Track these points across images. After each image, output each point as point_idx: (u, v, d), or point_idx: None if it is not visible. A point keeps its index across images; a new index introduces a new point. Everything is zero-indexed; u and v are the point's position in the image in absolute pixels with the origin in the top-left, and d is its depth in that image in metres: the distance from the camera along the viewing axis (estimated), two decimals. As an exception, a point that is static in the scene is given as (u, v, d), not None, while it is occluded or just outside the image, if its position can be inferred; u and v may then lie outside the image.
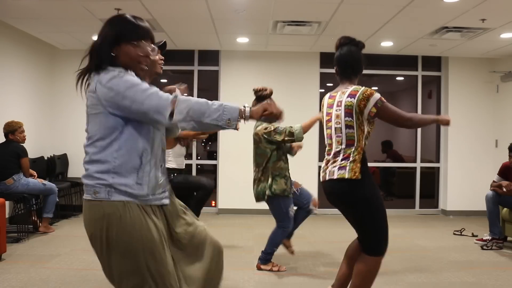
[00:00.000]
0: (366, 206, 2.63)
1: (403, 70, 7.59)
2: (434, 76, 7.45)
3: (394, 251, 4.78)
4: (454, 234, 5.74)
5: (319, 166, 6.99)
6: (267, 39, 6.29)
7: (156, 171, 1.86)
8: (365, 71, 2.85)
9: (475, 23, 5.15)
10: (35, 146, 6.14)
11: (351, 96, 2.63)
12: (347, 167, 2.61)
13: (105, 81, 1.74)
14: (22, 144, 5.24)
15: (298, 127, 3.82)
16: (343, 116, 2.65)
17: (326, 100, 2.82)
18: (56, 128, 6.84)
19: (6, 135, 5.21)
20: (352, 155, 2.62)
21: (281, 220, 3.94)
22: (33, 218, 5.40)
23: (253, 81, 6.96)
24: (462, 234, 5.68)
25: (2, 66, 5.53)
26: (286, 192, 3.90)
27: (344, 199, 2.70)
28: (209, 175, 8.66)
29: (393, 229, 5.98)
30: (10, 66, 5.71)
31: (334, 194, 2.73)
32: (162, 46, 3.07)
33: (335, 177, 2.64)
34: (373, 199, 2.64)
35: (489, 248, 4.93)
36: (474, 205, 6.89)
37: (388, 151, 8.96)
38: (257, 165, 3.97)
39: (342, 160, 2.64)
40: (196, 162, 7.32)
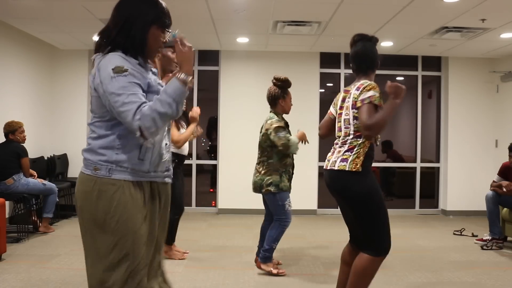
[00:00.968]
0: (364, 201, 2.59)
1: (403, 70, 7.59)
2: (434, 76, 7.45)
3: (394, 251, 4.75)
4: (454, 234, 5.75)
5: (319, 166, 7.04)
6: (267, 39, 6.29)
7: (160, 149, 1.89)
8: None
9: (475, 23, 5.15)
10: (35, 146, 6.14)
11: (357, 89, 2.64)
12: (349, 159, 2.60)
13: (101, 71, 1.74)
14: (22, 144, 5.24)
15: (295, 142, 3.84)
16: (350, 108, 2.66)
17: (341, 94, 2.82)
18: (56, 128, 6.84)
19: (6, 135, 5.21)
20: (357, 147, 2.61)
21: (278, 214, 3.92)
22: (33, 218, 5.40)
23: (253, 81, 6.98)
24: (462, 234, 5.68)
25: (2, 66, 5.53)
26: (289, 187, 3.92)
27: (342, 191, 2.68)
28: (209, 175, 8.71)
29: (393, 229, 5.97)
30: (10, 66, 5.71)
31: (333, 184, 2.71)
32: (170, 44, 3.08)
33: (335, 167, 2.64)
34: (372, 194, 2.60)
35: (489, 248, 4.93)
36: (474, 205, 6.89)
37: (388, 151, 8.96)
38: (259, 154, 3.98)
39: (346, 151, 2.63)
40: (196, 162, 7.32)
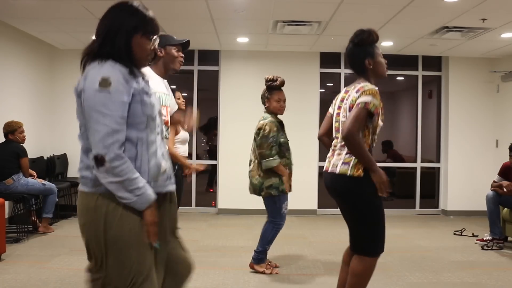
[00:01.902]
0: (365, 204, 2.60)
1: (403, 70, 7.58)
2: (435, 76, 7.45)
3: (394, 251, 4.77)
4: (454, 234, 5.74)
5: (319, 166, 7.04)
6: (267, 39, 6.28)
7: (157, 160, 1.83)
8: (380, 78, 2.77)
9: (475, 23, 5.15)
10: (35, 146, 6.14)
11: (357, 91, 2.61)
12: (351, 163, 2.57)
13: (87, 82, 1.71)
14: (21, 144, 5.24)
15: (274, 163, 3.78)
16: (348, 110, 2.63)
17: (341, 94, 2.79)
18: (55, 128, 6.84)
19: (5, 135, 5.21)
20: None
21: (274, 216, 3.91)
22: (33, 218, 5.39)
23: (253, 81, 6.97)
24: (463, 234, 5.68)
25: (2, 66, 5.52)
26: (290, 188, 3.91)
27: (343, 195, 2.67)
28: (208, 175, 8.71)
29: (393, 229, 6.03)
30: (10, 65, 5.71)
31: (333, 188, 2.70)
32: (186, 45, 3.10)
33: (337, 171, 2.61)
34: (373, 198, 2.60)
35: (490, 248, 4.92)
36: (474, 205, 6.88)
37: (388, 151, 8.95)
38: (253, 157, 3.96)
39: (347, 154, 2.60)
40: (196, 162, 7.32)
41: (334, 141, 2.78)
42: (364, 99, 2.52)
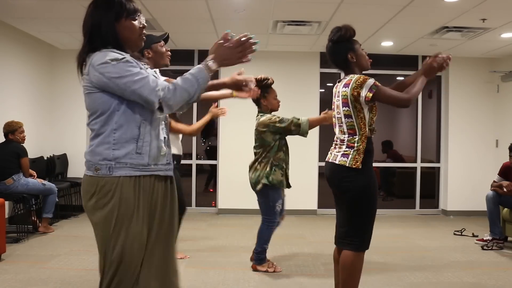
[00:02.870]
0: (359, 196, 2.66)
1: (403, 70, 7.57)
2: (435, 76, 7.44)
3: (394, 251, 4.77)
4: (454, 234, 5.74)
5: (319, 166, 7.03)
6: (267, 39, 6.28)
7: (159, 142, 1.90)
8: (365, 71, 2.84)
9: (475, 23, 5.15)
10: (35, 146, 6.13)
11: (345, 85, 2.67)
12: (350, 155, 2.65)
13: (97, 64, 1.78)
14: (21, 144, 5.24)
15: (304, 120, 3.81)
16: (341, 106, 2.70)
17: (334, 90, 2.86)
18: (55, 128, 6.84)
19: (6, 135, 5.21)
20: (356, 144, 2.65)
21: (267, 214, 3.91)
22: (33, 218, 5.39)
23: (253, 81, 6.96)
24: (463, 234, 5.68)
25: (2, 66, 5.52)
26: (282, 184, 3.89)
27: (340, 185, 2.73)
28: (209, 175, 8.71)
29: (393, 229, 6.03)
30: (10, 66, 5.71)
31: (332, 177, 2.78)
32: (166, 39, 3.13)
33: (336, 161, 2.70)
34: (368, 190, 2.68)
35: (490, 248, 4.92)
36: (474, 205, 6.88)
37: (388, 151, 8.96)
38: (254, 153, 3.97)
39: (347, 148, 2.68)
40: (196, 162, 7.32)
41: (335, 136, 2.84)
42: (368, 84, 2.59)
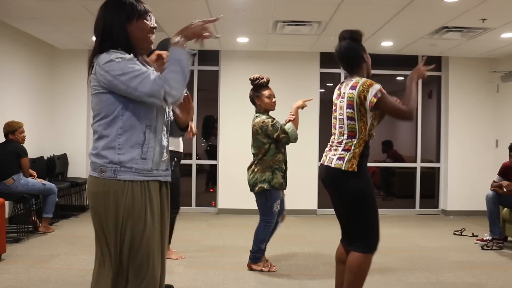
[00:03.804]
0: (356, 199, 2.66)
1: (403, 70, 7.57)
2: (434, 76, 7.44)
3: (394, 251, 4.77)
4: (454, 234, 5.74)
5: (319, 166, 7.02)
6: (267, 39, 6.28)
7: (161, 148, 1.95)
8: (368, 77, 2.83)
9: (475, 23, 5.15)
10: (35, 146, 6.14)
11: (352, 88, 2.67)
12: (345, 158, 2.65)
13: (102, 63, 1.81)
14: (22, 144, 5.24)
15: (289, 126, 3.83)
16: (345, 108, 2.69)
17: (336, 91, 2.86)
18: (56, 128, 6.84)
19: (6, 135, 5.21)
20: (353, 148, 2.66)
21: (265, 214, 3.92)
22: (33, 218, 5.39)
23: (253, 81, 6.97)
24: (463, 234, 5.68)
25: (2, 66, 5.52)
26: (282, 185, 3.91)
27: (336, 189, 2.74)
28: (208, 175, 8.71)
29: (393, 229, 6.03)
30: (10, 66, 5.71)
31: (328, 181, 2.78)
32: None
33: (332, 165, 2.69)
34: (365, 193, 2.67)
35: (490, 248, 4.92)
36: (474, 205, 6.88)
37: (388, 151, 8.95)
38: (253, 154, 3.97)
39: (343, 151, 2.68)
40: (196, 162, 7.32)
41: (332, 137, 2.84)
42: (374, 89, 2.60)
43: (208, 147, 8.45)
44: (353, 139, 2.67)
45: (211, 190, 8.36)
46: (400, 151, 9.16)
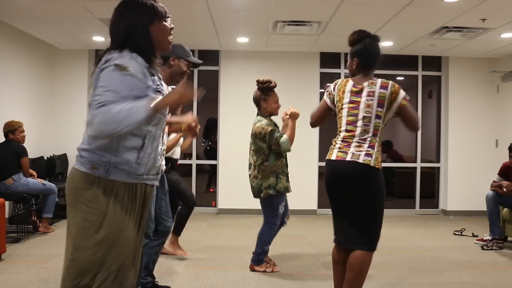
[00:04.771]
0: (376, 195, 2.71)
1: (403, 70, 7.58)
2: (434, 76, 7.45)
3: (394, 251, 4.77)
4: (454, 234, 5.74)
5: (320, 166, 7.03)
6: (267, 39, 6.28)
7: (156, 154, 1.94)
8: None
9: (475, 23, 5.15)
10: (35, 146, 6.14)
11: (383, 87, 2.71)
12: (374, 155, 2.68)
13: (105, 61, 1.78)
14: (22, 144, 5.23)
15: (284, 139, 3.80)
16: (375, 106, 2.70)
17: (349, 87, 2.79)
18: (56, 128, 6.83)
19: (6, 134, 5.21)
20: (376, 145, 2.71)
21: (270, 217, 3.92)
22: (33, 218, 5.40)
23: (253, 81, 6.86)
24: (463, 234, 5.68)
25: (2, 66, 5.52)
26: (288, 189, 3.91)
27: (361, 185, 2.71)
28: (208, 175, 8.70)
29: (393, 229, 6.03)
30: (10, 66, 5.71)
31: (352, 176, 2.71)
32: (197, 65, 3.23)
33: (360, 160, 2.67)
34: (382, 192, 2.75)
35: (490, 248, 4.93)
36: (474, 205, 6.88)
37: (388, 151, 8.94)
38: (254, 159, 3.96)
39: (369, 147, 2.69)
40: (196, 162, 7.31)
41: (345, 133, 2.77)
42: (403, 92, 2.74)
43: (208, 147, 8.44)
44: (376, 137, 2.72)
45: (211, 190, 8.35)
46: (400, 151, 9.15)
